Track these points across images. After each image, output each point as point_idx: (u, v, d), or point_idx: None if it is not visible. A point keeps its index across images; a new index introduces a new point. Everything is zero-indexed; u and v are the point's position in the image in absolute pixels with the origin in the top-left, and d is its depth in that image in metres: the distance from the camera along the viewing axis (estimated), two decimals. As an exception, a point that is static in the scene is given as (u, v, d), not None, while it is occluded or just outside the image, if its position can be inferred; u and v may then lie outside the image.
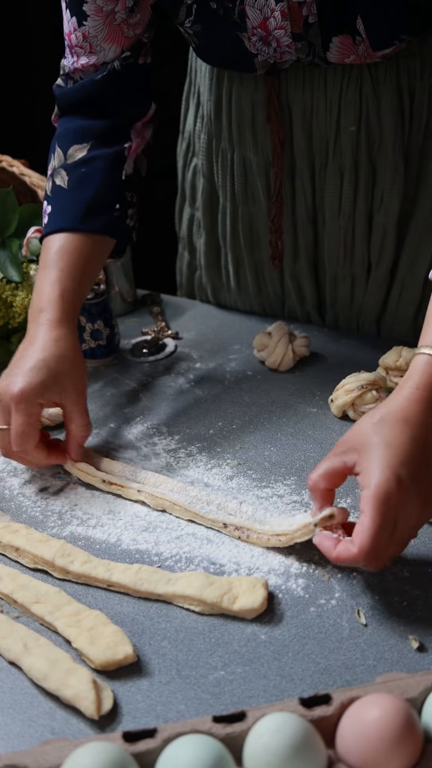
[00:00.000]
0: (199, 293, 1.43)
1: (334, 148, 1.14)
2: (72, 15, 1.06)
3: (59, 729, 0.72)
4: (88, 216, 1.07)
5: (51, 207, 1.09)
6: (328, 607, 0.82)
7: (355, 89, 1.09)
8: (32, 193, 1.34)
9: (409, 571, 0.85)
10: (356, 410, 1.07)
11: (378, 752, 0.62)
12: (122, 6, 1.05)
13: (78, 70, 1.10)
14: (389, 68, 1.08)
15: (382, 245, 1.19)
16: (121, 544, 0.91)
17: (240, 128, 1.19)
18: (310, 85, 1.11)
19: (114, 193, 1.10)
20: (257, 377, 1.20)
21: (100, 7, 1.04)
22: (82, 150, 1.09)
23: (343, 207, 1.17)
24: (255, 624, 0.81)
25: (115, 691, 0.74)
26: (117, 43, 1.08)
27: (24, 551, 0.89)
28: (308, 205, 1.20)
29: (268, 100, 1.13)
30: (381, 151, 1.13)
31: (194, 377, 1.21)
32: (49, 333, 1.01)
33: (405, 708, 0.64)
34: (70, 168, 1.09)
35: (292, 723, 0.63)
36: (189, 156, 1.33)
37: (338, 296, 1.27)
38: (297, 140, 1.15)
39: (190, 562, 0.88)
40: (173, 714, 0.73)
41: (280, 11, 0.99)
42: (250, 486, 0.99)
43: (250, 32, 1.02)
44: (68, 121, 1.13)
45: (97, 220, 1.08)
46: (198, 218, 1.35)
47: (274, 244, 1.23)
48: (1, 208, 1.23)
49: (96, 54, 1.08)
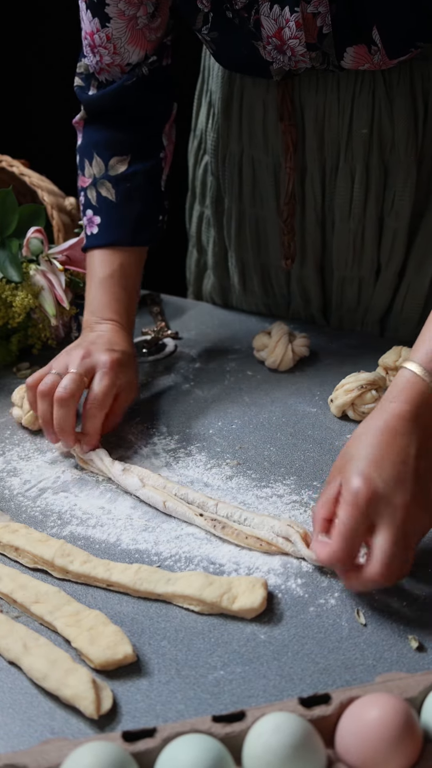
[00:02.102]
0: (207, 292, 1.43)
1: (346, 150, 1.14)
2: (94, 16, 1.07)
3: (59, 729, 0.72)
4: (138, 231, 1.14)
5: (100, 218, 1.13)
6: (328, 607, 0.82)
7: (368, 92, 1.09)
8: (32, 193, 1.34)
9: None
10: (356, 410, 1.08)
11: (377, 752, 0.62)
12: (144, 11, 1.06)
13: (104, 70, 1.12)
14: (403, 72, 1.08)
15: (392, 248, 1.19)
16: (121, 544, 0.91)
17: (250, 129, 1.19)
18: (323, 87, 1.11)
19: (157, 207, 1.17)
20: (257, 377, 1.20)
21: (122, 11, 1.06)
22: (123, 163, 1.13)
23: (353, 210, 1.17)
24: (254, 624, 0.81)
25: (114, 690, 0.74)
26: (140, 47, 1.09)
27: (23, 551, 0.89)
28: (317, 208, 1.20)
29: (282, 100, 1.13)
30: (393, 154, 1.13)
31: (194, 377, 1.21)
32: (119, 335, 1.08)
33: (404, 708, 0.64)
34: (114, 181, 1.13)
35: (292, 723, 0.63)
36: (200, 154, 1.33)
37: (345, 299, 1.27)
38: (308, 142, 1.15)
39: (189, 561, 0.88)
40: (173, 714, 0.73)
41: (294, 21, 0.99)
42: (249, 486, 0.99)
43: (265, 41, 1.03)
44: (101, 129, 1.15)
45: (146, 233, 1.15)
46: (207, 216, 1.35)
47: (287, 245, 1.22)
48: (1, 208, 1.23)
49: (120, 55, 1.10)
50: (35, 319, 1.22)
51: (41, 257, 1.21)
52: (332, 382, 1.12)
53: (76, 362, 1.02)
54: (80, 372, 1.01)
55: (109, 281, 1.11)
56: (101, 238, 1.13)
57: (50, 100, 2.27)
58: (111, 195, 1.13)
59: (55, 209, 1.29)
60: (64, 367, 1.02)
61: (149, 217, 1.15)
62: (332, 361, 1.22)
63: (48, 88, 2.30)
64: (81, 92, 1.16)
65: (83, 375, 1.01)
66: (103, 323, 1.09)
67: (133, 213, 1.14)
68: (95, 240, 1.14)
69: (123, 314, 1.11)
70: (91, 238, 1.14)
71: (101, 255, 1.13)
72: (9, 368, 1.25)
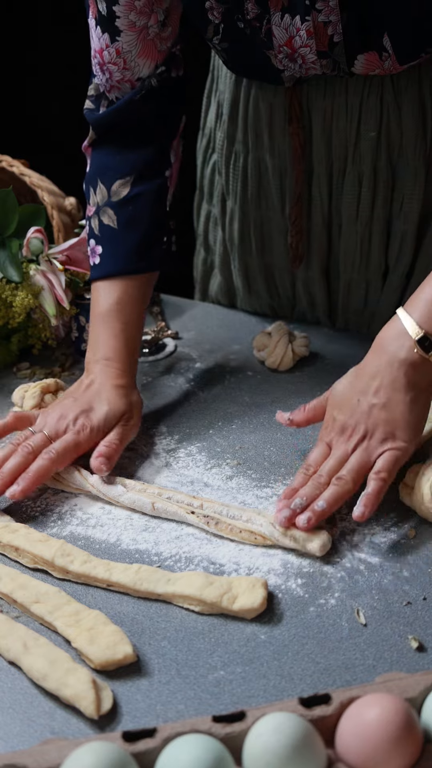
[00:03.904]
0: (213, 292, 1.43)
1: (354, 153, 1.14)
2: (103, 32, 1.05)
3: (59, 728, 0.72)
4: (141, 256, 1.11)
5: (102, 248, 1.11)
6: (328, 607, 0.82)
7: (377, 96, 1.09)
8: (32, 193, 1.34)
9: (409, 571, 0.85)
10: (356, 410, 1.07)
11: (377, 752, 0.62)
12: (155, 20, 1.04)
13: (114, 87, 1.09)
14: (411, 75, 1.08)
15: (400, 250, 1.19)
16: (121, 544, 0.91)
17: (257, 131, 1.19)
18: (332, 91, 1.11)
19: (160, 228, 1.14)
20: (257, 377, 1.20)
21: (133, 22, 1.03)
22: (125, 186, 1.10)
23: (360, 213, 1.17)
24: (255, 624, 0.81)
25: (114, 690, 0.74)
26: (151, 58, 1.07)
27: (24, 551, 0.89)
28: (324, 211, 1.20)
29: (290, 104, 1.12)
30: (401, 157, 1.13)
31: (194, 377, 1.21)
32: (109, 382, 1.06)
33: (404, 708, 0.64)
34: (116, 206, 1.11)
35: (292, 723, 0.63)
36: (209, 152, 1.33)
37: (351, 302, 1.27)
38: (316, 145, 1.15)
39: (189, 561, 0.88)
40: (173, 714, 0.73)
41: (305, 30, 0.99)
42: (249, 486, 0.99)
43: (276, 50, 1.03)
44: (107, 152, 1.12)
45: (150, 258, 1.12)
46: (215, 215, 1.35)
47: (295, 247, 1.22)
48: (1, 208, 1.23)
49: (130, 70, 1.07)
50: (35, 319, 1.22)
51: (41, 257, 1.20)
52: (332, 382, 1.12)
53: (51, 424, 1.01)
54: (49, 435, 1.00)
55: (109, 316, 1.09)
56: (103, 268, 1.11)
57: (50, 100, 2.28)
58: (113, 222, 1.11)
59: (55, 209, 1.29)
60: (41, 427, 1.02)
61: (152, 242, 1.12)
62: (332, 361, 1.22)
63: (48, 88, 2.30)
64: (89, 114, 1.13)
65: (52, 438, 1.00)
66: (99, 364, 1.08)
67: (136, 239, 1.11)
68: (97, 271, 1.11)
69: (120, 350, 1.08)
70: (94, 269, 1.12)
71: (103, 287, 1.11)
72: (9, 368, 1.25)
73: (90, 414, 1.02)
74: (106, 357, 1.08)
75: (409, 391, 0.92)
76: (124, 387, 1.06)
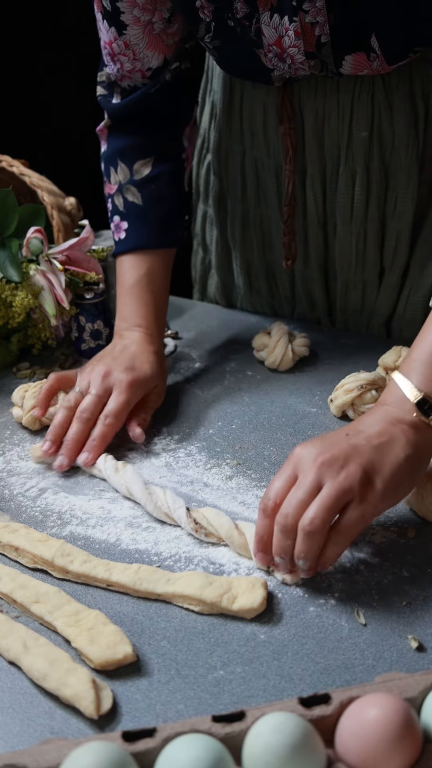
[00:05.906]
0: (211, 292, 1.43)
1: (346, 153, 1.14)
2: (111, 25, 1.09)
3: (58, 728, 0.72)
4: (166, 232, 1.16)
5: (128, 223, 1.15)
6: (328, 607, 0.82)
7: (368, 95, 1.10)
8: (32, 193, 1.34)
9: (409, 571, 0.85)
10: (356, 410, 1.07)
11: (377, 752, 0.62)
12: (159, 17, 1.08)
13: (126, 77, 1.14)
14: (402, 75, 1.08)
15: (395, 250, 1.19)
16: (121, 544, 0.91)
17: (252, 130, 1.20)
18: (323, 91, 1.11)
19: (182, 206, 1.19)
20: (257, 377, 1.20)
21: (137, 17, 1.07)
22: (147, 165, 1.15)
23: (355, 212, 1.17)
24: (254, 624, 0.81)
25: (114, 690, 0.74)
26: (159, 51, 1.11)
27: (23, 551, 0.89)
28: (319, 211, 1.20)
29: (281, 103, 1.13)
30: (394, 156, 1.13)
31: (194, 377, 1.21)
32: (143, 346, 1.11)
33: (404, 707, 0.64)
34: (140, 185, 1.15)
35: (292, 722, 0.63)
36: (203, 152, 1.34)
37: (349, 303, 1.27)
38: (308, 145, 1.15)
39: (189, 561, 0.88)
40: (172, 713, 0.73)
41: (293, 30, 0.99)
42: (249, 486, 0.99)
43: (266, 49, 1.03)
44: (124, 135, 1.17)
45: (174, 234, 1.17)
46: (210, 215, 1.36)
47: (288, 245, 1.23)
48: (1, 208, 1.23)
49: (140, 60, 1.11)
50: (35, 319, 1.22)
51: (41, 257, 1.21)
52: (332, 382, 1.12)
53: (97, 383, 1.05)
54: (99, 394, 1.04)
55: (138, 286, 1.14)
56: (129, 242, 1.15)
57: (50, 100, 2.28)
58: (137, 199, 1.15)
59: (55, 209, 1.29)
60: (86, 386, 1.06)
61: (175, 217, 1.17)
62: (332, 361, 1.22)
63: (48, 87, 2.30)
64: (104, 101, 1.18)
65: (102, 397, 1.05)
66: (132, 331, 1.12)
67: (160, 214, 1.16)
68: (124, 245, 1.16)
69: (151, 319, 1.13)
70: (120, 243, 1.16)
71: (130, 260, 1.15)
72: (9, 368, 1.25)
73: (134, 373, 1.06)
74: (138, 324, 1.12)
75: (408, 448, 0.82)
76: (158, 354, 1.11)
